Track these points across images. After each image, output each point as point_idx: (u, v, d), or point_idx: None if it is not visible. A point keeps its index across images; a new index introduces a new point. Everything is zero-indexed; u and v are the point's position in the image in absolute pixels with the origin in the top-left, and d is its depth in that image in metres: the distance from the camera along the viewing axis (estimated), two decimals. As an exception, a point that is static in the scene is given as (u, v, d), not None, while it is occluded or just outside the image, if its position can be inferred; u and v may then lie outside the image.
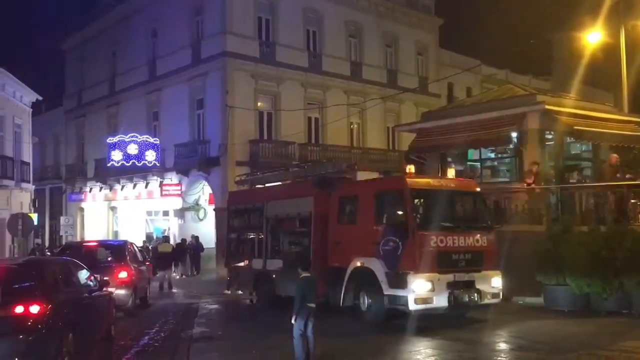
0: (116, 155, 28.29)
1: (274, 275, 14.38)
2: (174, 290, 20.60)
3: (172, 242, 25.20)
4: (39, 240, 35.34)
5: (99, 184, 33.93)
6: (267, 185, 16.41)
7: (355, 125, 31.34)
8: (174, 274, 23.49)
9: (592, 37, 23.02)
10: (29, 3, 58.57)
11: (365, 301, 11.77)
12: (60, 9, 44.62)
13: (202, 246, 26.48)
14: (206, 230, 27.54)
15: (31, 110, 30.28)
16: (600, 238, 12.18)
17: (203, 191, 28.84)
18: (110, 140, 28.88)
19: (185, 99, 28.49)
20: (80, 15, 37.23)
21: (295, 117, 27.81)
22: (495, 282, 11.68)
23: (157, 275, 21.06)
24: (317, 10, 29.69)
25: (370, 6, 32.04)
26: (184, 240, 26.50)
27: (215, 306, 16.26)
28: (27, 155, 29.14)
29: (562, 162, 17.00)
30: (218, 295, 18.00)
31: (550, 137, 16.76)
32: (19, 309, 7.42)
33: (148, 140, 28.75)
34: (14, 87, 27.33)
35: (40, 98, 30.42)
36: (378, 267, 11.34)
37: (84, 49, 37.03)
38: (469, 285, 11.25)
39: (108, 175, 31.76)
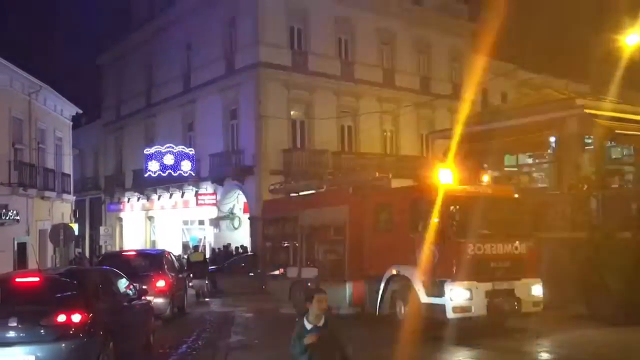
0: (153, 166, 28.83)
1: (309, 284, 14.37)
2: (207, 299, 20.75)
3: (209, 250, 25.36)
4: (79, 250, 36.09)
5: (136, 194, 34.54)
6: (301, 194, 16.45)
7: (389, 133, 31.20)
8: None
9: (631, 38, 22.41)
10: (67, 19, 60.35)
11: (401, 310, 11.63)
12: (97, 24, 45.80)
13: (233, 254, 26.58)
14: (241, 239, 27.73)
15: (71, 123, 31.10)
16: (645, 244, 11.82)
17: (238, 200, 29.07)
18: (147, 151, 29.44)
19: (220, 109, 28.82)
20: (116, 29, 38.06)
21: (328, 126, 27.85)
22: (536, 290, 11.41)
23: (192, 284, 21.21)
24: (349, 18, 29.70)
25: (402, 13, 31.88)
26: (225, 247, 26.86)
27: (252, 315, 16.31)
28: (68, 167, 29.91)
29: (603, 167, 16.55)
30: (254, 304, 18.07)
31: (589, 141, 16.35)
32: (62, 318, 7.60)
33: (183, 150, 29.22)
34: (55, 101, 28.10)
35: (80, 111, 31.25)
36: (414, 275, 11.22)
37: (121, 62, 37.86)
38: (509, 294, 11.03)
39: (145, 186, 32.30)
